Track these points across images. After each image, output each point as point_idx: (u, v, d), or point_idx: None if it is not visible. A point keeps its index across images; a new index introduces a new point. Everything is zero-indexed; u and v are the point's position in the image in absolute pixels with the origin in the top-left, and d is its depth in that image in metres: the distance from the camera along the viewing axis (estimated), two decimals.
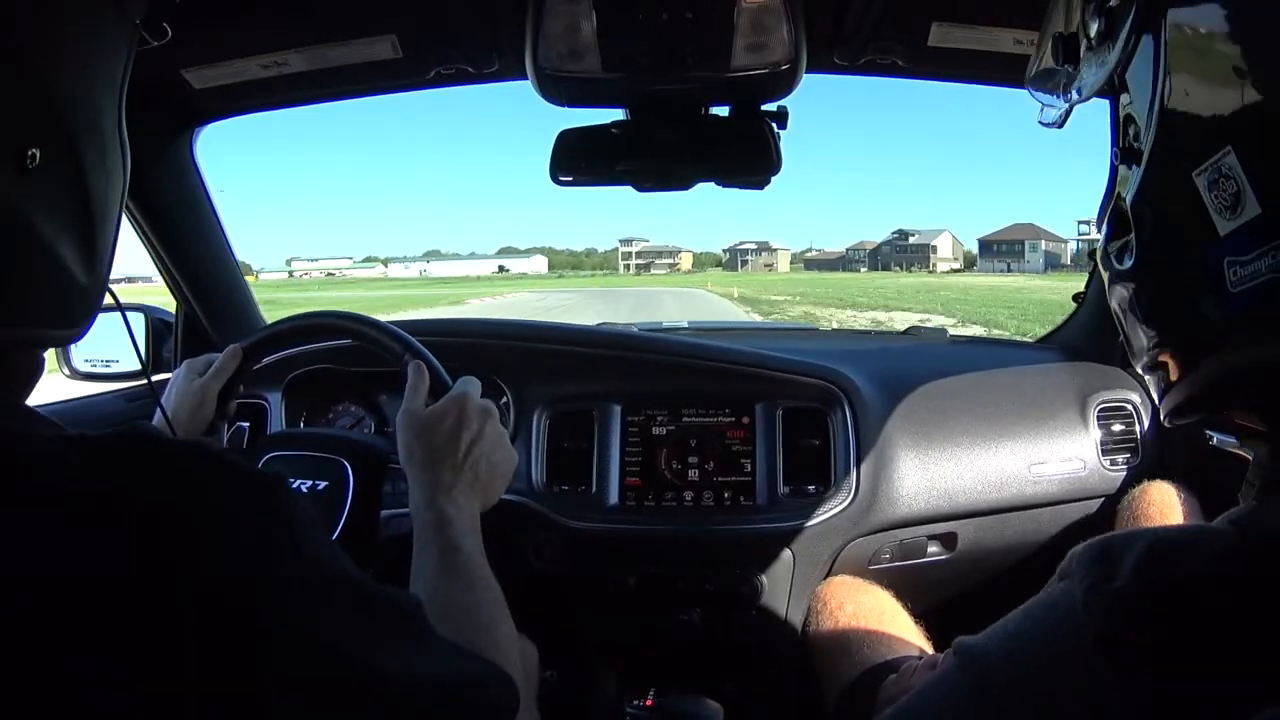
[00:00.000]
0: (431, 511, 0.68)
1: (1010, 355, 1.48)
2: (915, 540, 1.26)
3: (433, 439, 0.72)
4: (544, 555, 1.20)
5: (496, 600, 0.64)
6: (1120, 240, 0.51)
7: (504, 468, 0.76)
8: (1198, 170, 0.42)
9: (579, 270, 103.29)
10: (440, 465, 0.71)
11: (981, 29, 1.15)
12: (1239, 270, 0.40)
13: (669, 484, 1.21)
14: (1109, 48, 0.50)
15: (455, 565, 0.65)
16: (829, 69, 1.22)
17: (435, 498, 0.69)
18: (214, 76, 1.21)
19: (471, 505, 0.71)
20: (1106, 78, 0.51)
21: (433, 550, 0.65)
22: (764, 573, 1.20)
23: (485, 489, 0.73)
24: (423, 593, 0.62)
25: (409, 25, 1.14)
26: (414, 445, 0.73)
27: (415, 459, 0.72)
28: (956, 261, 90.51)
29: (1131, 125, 0.49)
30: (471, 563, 0.65)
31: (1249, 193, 0.39)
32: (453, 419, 0.74)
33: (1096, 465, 1.29)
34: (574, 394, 1.24)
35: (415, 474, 0.72)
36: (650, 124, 1.16)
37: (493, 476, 0.74)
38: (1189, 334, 0.47)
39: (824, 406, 1.22)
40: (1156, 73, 0.45)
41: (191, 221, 1.34)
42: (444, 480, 0.70)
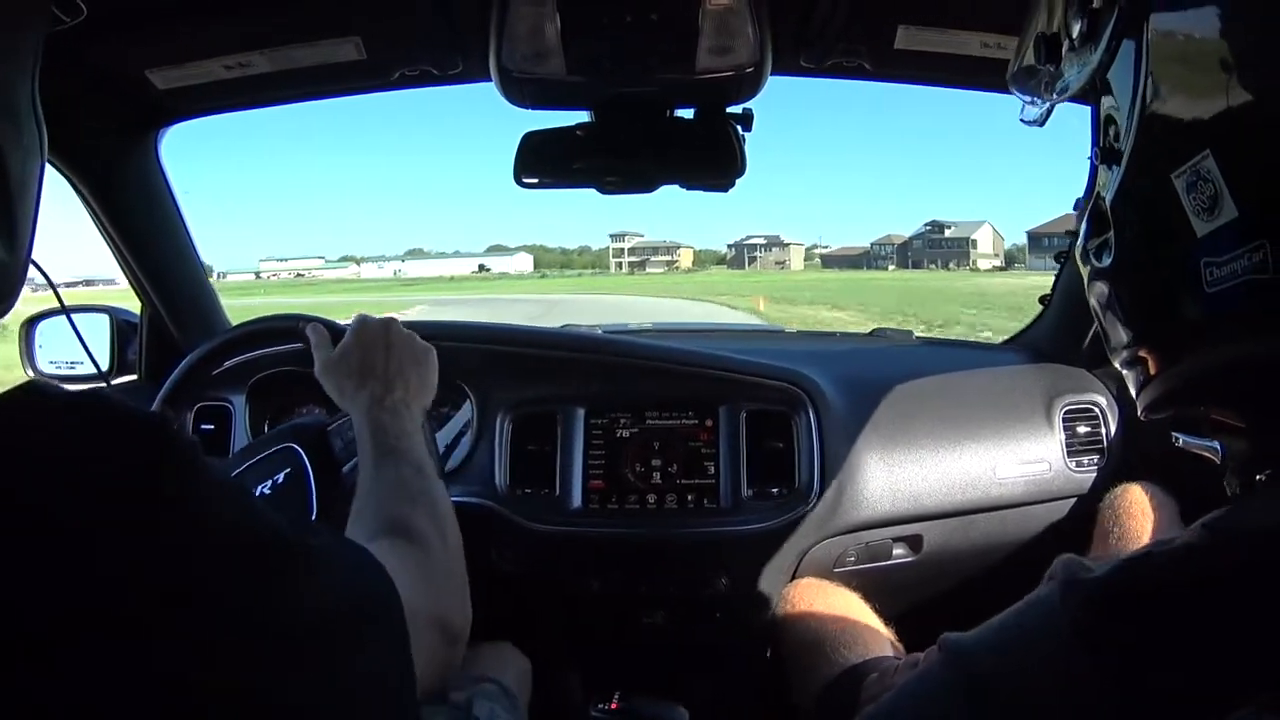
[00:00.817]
0: (369, 426, 0.72)
1: (976, 357, 1.49)
2: (880, 542, 1.26)
3: (350, 370, 0.77)
4: (507, 558, 1.20)
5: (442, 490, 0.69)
6: (1100, 238, 0.51)
7: (426, 362, 0.81)
8: (1176, 172, 0.42)
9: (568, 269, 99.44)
10: (366, 388, 0.75)
11: (948, 32, 1.15)
12: (1215, 270, 0.41)
13: (632, 487, 1.21)
14: (1091, 49, 0.50)
15: (399, 452, 0.69)
16: (795, 71, 1.22)
17: (370, 413, 0.73)
18: (178, 77, 1.20)
19: (410, 410, 0.76)
20: (1088, 79, 0.51)
21: (372, 454, 0.70)
22: (728, 575, 1.20)
23: (420, 389, 0.78)
24: (368, 499, 0.66)
25: (373, 27, 1.14)
26: (340, 384, 0.78)
27: (346, 395, 0.77)
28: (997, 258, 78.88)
29: (1112, 126, 0.50)
30: (414, 452, 0.71)
31: (1226, 195, 0.39)
32: (360, 347, 0.78)
33: (1062, 467, 1.29)
34: (537, 397, 1.23)
35: (351, 407, 0.76)
36: (615, 126, 1.16)
37: (421, 375, 0.79)
38: (1167, 331, 0.47)
39: (788, 409, 1.22)
40: (1138, 75, 0.45)
41: (156, 222, 1.33)
42: (376, 396, 0.75)
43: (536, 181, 1.16)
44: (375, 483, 0.68)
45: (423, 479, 0.69)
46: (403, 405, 0.75)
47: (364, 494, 0.68)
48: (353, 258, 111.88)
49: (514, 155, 1.14)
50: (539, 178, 1.16)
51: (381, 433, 0.71)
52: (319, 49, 1.17)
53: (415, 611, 0.46)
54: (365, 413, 0.74)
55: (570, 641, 1.27)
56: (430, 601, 0.52)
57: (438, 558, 0.60)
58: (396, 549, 0.56)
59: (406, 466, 0.69)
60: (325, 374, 0.80)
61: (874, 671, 0.97)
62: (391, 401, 0.74)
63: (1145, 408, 0.52)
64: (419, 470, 0.69)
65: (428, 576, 0.56)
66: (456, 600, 0.59)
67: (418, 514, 0.63)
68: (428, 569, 0.57)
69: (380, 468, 0.69)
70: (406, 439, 0.72)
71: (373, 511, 0.64)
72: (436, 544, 0.61)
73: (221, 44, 1.15)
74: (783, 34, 1.11)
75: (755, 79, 1.11)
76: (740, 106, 1.14)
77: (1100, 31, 0.49)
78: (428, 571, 0.57)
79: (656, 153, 1.15)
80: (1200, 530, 0.43)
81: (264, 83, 1.23)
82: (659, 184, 1.16)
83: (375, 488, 0.67)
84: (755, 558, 1.20)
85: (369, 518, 0.63)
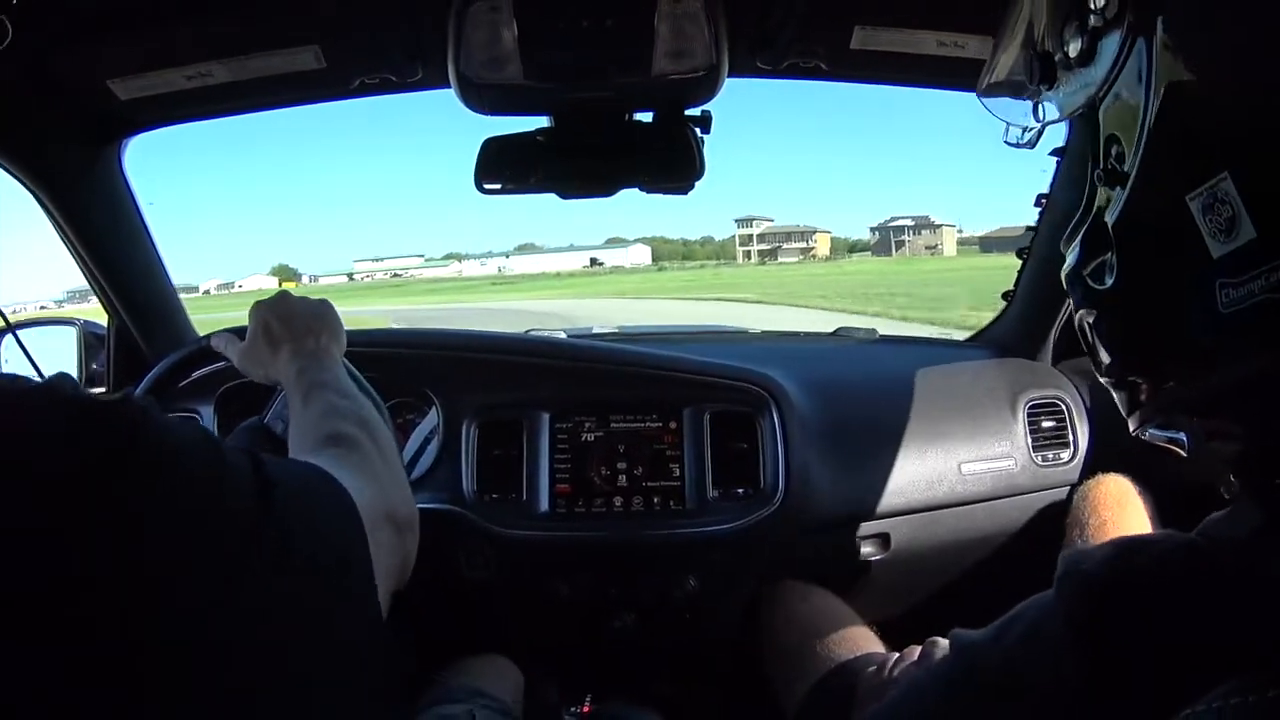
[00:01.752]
0: (294, 376, 0.76)
1: (940, 354, 1.49)
2: (849, 541, 1.27)
3: (262, 347, 0.81)
4: (476, 564, 1.20)
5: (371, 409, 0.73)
6: (1098, 259, 0.50)
7: (326, 313, 0.84)
8: (1192, 195, 0.41)
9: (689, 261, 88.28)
10: (281, 352, 0.79)
11: (904, 31, 1.16)
12: (1231, 292, 0.40)
13: (599, 490, 1.21)
14: (1091, 68, 0.48)
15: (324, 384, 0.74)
16: (752, 73, 1.22)
17: (292, 366, 0.77)
18: (139, 87, 1.20)
19: (330, 354, 0.80)
20: (1088, 101, 0.49)
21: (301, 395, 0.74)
22: (697, 576, 1.20)
23: (331, 336, 0.82)
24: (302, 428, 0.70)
25: (331, 36, 1.14)
26: (260, 361, 0.82)
27: (269, 368, 0.81)
28: None
29: (1115, 146, 0.48)
30: (339, 382, 0.75)
31: (1244, 217, 0.38)
32: (262, 326, 0.82)
33: (1028, 462, 1.30)
34: (502, 402, 1.24)
35: (277, 376, 0.81)
36: (574, 131, 1.16)
37: (328, 324, 0.83)
38: (1173, 352, 0.46)
39: (751, 410, 1.22)
40: (1146, 95, 0.43)
41: (121, 234, 1.33)
42: (293, 351, 0.79)
43: (499, 187, 1.17)
44: (304, 414, 0.71)
45: (350, 400, 0.73)
46: (321, 352, 0.79)
47: (296, 428, 0.72)
48: (456, 255, 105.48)
49: (474, 162, 1.15)
50: (500, 183, 1.16)
51: (304, 375, 0.75)
52: (278, 58, 1.17)
53: (365, 508, 0.50)
54: (287, 367, 0.78)
55: (541, 646, 1.27)
56: (376, 497, 0.54)
57: (373, 457, 0.64)
58: (336, 458, 0.59)
59: (332, 394, 0.73)
60: (244, 364, 0.85)
61: (870, 665, 0.98)
62: (308, 350, 0.79)
63: (1138, 426, 0.52)
64: (344, 395, 0.74)
65: (369, 475, 0.58)
66: (399, 493, 0.62)
67: (347, 424, 0.67)
68: (366, 468, 0.60)
69: (309, 402, 0.72)
70: (329, 374, 0.76)
71: (308, 435, 0.67)
72: (369, 446, 0.65)
73: (182, 53, 1.15)
74: (738, 37, 1.12)
75: (712, 82, 1.11)
76: (698, 109, 1.15)
77: (1102, 51, 0.47)
78: (367, 471, 0.60)
79: (616, 156, 1.16)
80: (1196, 534, 0.45)
81: (225, 92, 1.23)
82: (619, 188, 1.16)
83: (305, 417, 0.71)
84: (723, 558, 1.20)
85: (304, 442, 0.67)
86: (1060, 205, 1.29)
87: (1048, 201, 1.31)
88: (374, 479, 0.58)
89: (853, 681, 0.97)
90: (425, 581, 0.94)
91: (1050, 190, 1.30)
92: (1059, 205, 1.29)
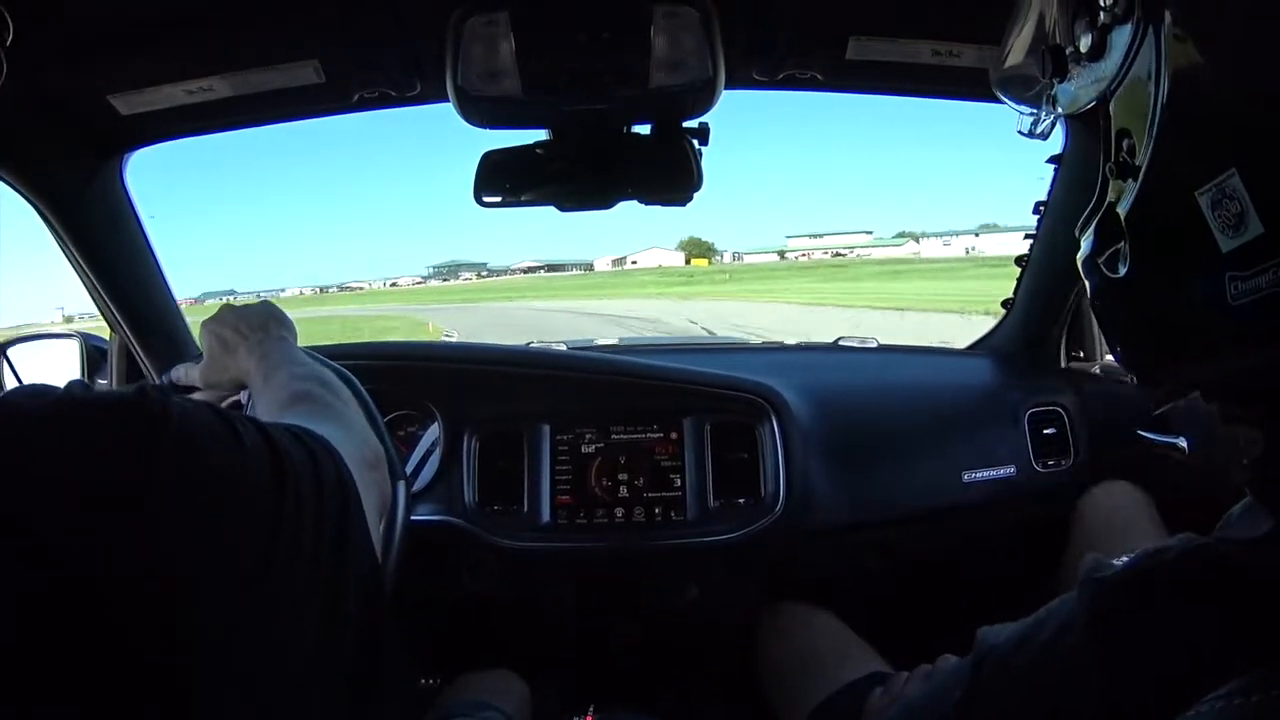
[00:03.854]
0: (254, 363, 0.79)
1: (940, 363, 1.50)
2: (851, 550, 1.27)
3: (218, 358, 0.84)
4: (478, 575, 1.21)
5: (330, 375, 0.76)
6: (1111, 249, 0.51)
7: (269, 310, 0.86)
8: (1200, 190, 0.41)
9: None
10: (237, 354, 0.82)
11: (899, 41, 1.16)
12: (1240, 285, 0.40)
13: (600, 501, 1.22)
14: (1102, 62, 0.48)
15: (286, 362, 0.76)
16: (748, 85, 1.23)
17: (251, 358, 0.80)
18: (141, 102, 1.21)
19: (286, 340, 0.83)
20: (1099, 94, 0.49)
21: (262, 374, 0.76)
22: (698, 586, 1.21)
23: (280, 326, 0.84)
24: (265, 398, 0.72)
25: (330, 51, 1.14)
26: (221, 370, 0.84)
27: (231, 373, 0.83)
28: None
29: (1126, 139, 0.48)
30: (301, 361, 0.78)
31: (1252, 213, 0.39)
32: (214, 339, 0.84)
33: (1030, 470, 1.30)
34: (503, 414, 1.24)
35: (240, 376, 0.82)
36: (572, 144, 1.17)
37: (275, 318, 0.85)
38: (1185, 340, 0.47)
39: (751, 419, 1.23)
40: (1156, 89, 0.44)
41: (123, 248, 1.34)
42: (250, 347, 0.81)
43: (498, 200, 1.17)
44: (265, 389, 0.74)
45: (305, 366, 0.76)
46: (275, 339, 0.82)
47: (261, 403, 0.74)
48: (911, 234, 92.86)
49: (473, 175, 1.16)
50: (500, 197, 1.17)
51: (266, 358, 0.78)
52: (278, 73, 1.18)
53: (346, 455, 0.52)
54: (246, 360, 0.80)
55: (544, 655, 1.27)
56: (348, 441, 0.56)
57: (336, 406, 0.68)
58: (306, 413, 0.63)
59: (292, 365, 0.76)
60: (208, 380, 0.86)
61: (877, 686, 0.96)
62: (265, 342, 0.81)
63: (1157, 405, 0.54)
64: (300, 363, 0.77)
65: (338, 422, 0.62)
66: (364, 434, 0.66)
67: (307, 384, 0.71)
68: (334, 417, 0.64)
69: (271, 378, 0.75)
70: (286, 354, 0.79)
71: (272, 404, 0.70)
72: (330, 397, 0.69)
73: (183, 69, 1.16)
74: (734, 48, 1.12)
75: (708, 94, 1.11)
76: (696, 120, 1.15)
77: (1112, 45, 0.47)
78: (335, 419, 0.64)
79: (614, 169, 1.16)
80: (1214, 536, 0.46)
81: (226, 106, 1.24)
82: (616, 200, 1.17)
83: (266, 391, 0.73)
84: (724, 568, 1.21)
85: (269, 411, 0.69)
86: (1058, 212, 1.29)
87: (1046, 209, 1.31)
88: (343, 425, 0.62)
89: (860, 704, 0.96)
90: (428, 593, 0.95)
91: (1048, 198, 1.30)
92: (1056, 212, 1.29)
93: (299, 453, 0.46)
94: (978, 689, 0.51)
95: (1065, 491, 1.29)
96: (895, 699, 0.91)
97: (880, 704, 0.92)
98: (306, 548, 0.42)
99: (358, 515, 0.50)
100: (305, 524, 0.42)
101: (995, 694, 0.50)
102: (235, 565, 0.37)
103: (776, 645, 1.18)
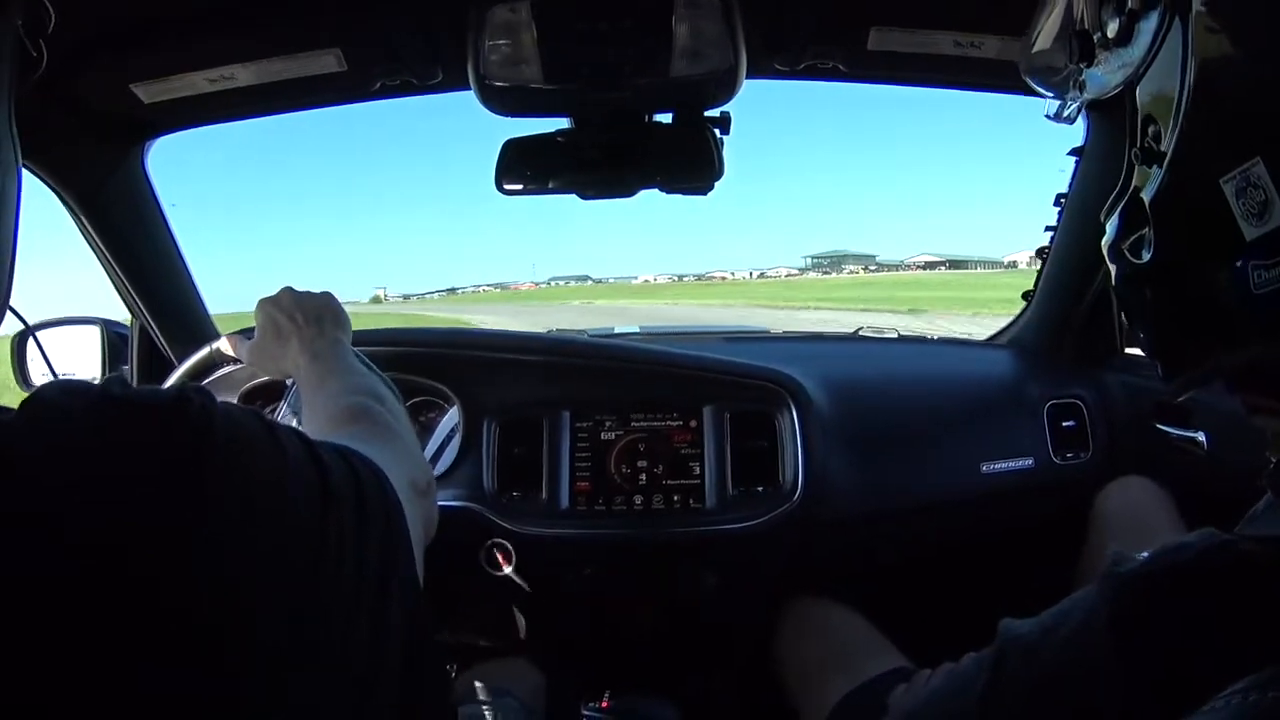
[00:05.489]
0: (305, 363, 0.78)
1: (959, 354, 1.49)
2: (869, 540, 1.27)
3: (269, 342, 0.83)
4: (496, 562, 1.21)
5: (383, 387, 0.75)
6: (1135, 234, 0.50)
7: (329, 303, 0.85)
8: (1225, 178, 0.41)
9: None
10: (290, 344, 0.81)
11: (921, 32, 1.16)
12: (1263, 274, 0.40)
13: (619, 488, 1.22)
14: (1129, 48, 0.48)
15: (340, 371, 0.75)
16: (769, 75, 1.23)
17: (303, 355, 0.79)
18: (162, 90, 1.22)
19: (340, 343, 0.81)
20: (1125, 80, 0.49)
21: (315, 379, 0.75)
22: (716, 574, 1.21)
23: (336, 324, 0.83)
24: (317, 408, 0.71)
25: (352, 39, 1.15)
26: (269, 355, 0.83)
27: (277, 360, 0.83)
28: None
29: (1151, 125, 0.48)
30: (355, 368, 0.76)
31: (1277, 202, 0.39)
32: (268, 321, 0.84)
33: (1048, 462, 1.30)
34: (523, 401, 1.24)
35: (286, 367, 0.82)
36: (593, 132, 1.17)
37: (333, 314, 0.84)
38: (1206, 329, 0.47)
39: (771, 408, 1.23)
40: (1182, 76, 0.44)
41: (144, 235, 1.35)
42: (304, 340, 0.80)
43: (519, 188, 1.18)
44: (318, 397, 0.72)
45: (362, 377, 0.74)
46: (331, 340, 0.80)
47: (310, 411, 0.73)
48: None
49: (495, 162, 1.16)
50: (521, 184, 1.17)
51: (316, 362, 0.77)
52: (300, 61, 1.18)
53: (396, 480, 0.50)
54: (297, 357, 0.79)
55: (561, 641, 1.28)
56: (401, 467, 0.54)
57: (393, 428, 0.66)
58: (359, 435, 0.60)
59: (345, 374, 0.74)
60: (255, 360, 0.87)
61: (900, 683, 0.96)
62: (318, 339, 0.80)
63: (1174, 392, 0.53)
64: (356, 373, 0.75)
65: (393, 446, 0.60)
66: (417, 459, 0.65)
67: (363, 399, 0.69)
68: (389, 440, 0.63)
69: (324, 383, 0.73)
70: (340, 360, 0.77)
71: (325, 416, 0.68)
72: (387, 417, 0.67)
73: (205, 57, 1.16)
74: (755, 38, 1.12)
75: (730, 83, 1.11)
76: (717, 110, 1.15)
77: (1140, 31, 0.47)
78: (390, 442, 0.62)
79: (635, 158, 1.16)
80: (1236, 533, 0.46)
81: (247, 95, 1.24)
82: (638, 189, 1.17)
83: (319, 400, 0.72)
84: (742, 556, 1.21)
85: (321, 423, 0.68)
86: (1078, 205, 1.29)
87: (1066, 201, 1.31)
88: (397, 450, 0.60)
89: (882, 701, 0.96)
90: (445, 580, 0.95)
91: (1069, 190, 1.30)
92: (1077, 205, 1.29)
93: (342, 472, 0.44)
94: (1000, 680, 0.51)
95: (1083, 484, 1.29)
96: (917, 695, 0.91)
97: (903, 701, 0.92)
98: (349, 573, 0.41)
99: (403, 545, 0.48)
100: (347, 549, 0.41)
101: (1018, 686, 0.50)
102: (281, 587, 0.36)
103: (797, 640, 1.18)
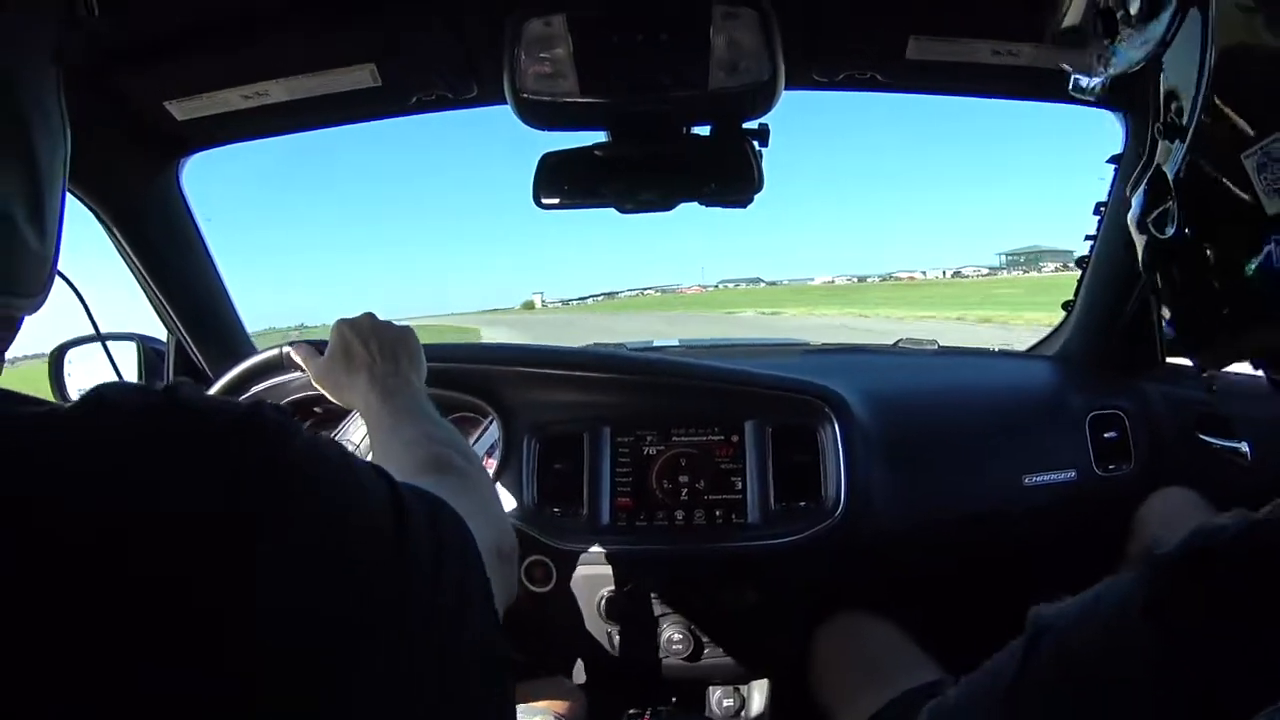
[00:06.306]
0: (377, 399, 0.75)
1: (1000, 365, 1.48)
2: (911, 553, 1.26)
3: (341, 366, 0.81)
4: (536, 577, 1.20)
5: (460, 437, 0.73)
6: (1160, 208, 0.50)
7: (408, 338, 0.84)
8: (1246, 153, 0.41)
9: None
10: (361, 374, 0.79)
11: (959, 41, 1.15)
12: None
13: (660, 504, 1.21)
14: (1152, 24, 0.49)
15: (414, 413, 0.73)
16: (808, 85, 1.22)
17: (374, 391, 0.76)
18: (196, 108, 1.22)
19: (412, 383, 0.79)
20: (1147, 56, 0.50)
21: (388, 420, 0.73)
22: (759, 590, 1.20)
23: (412, 363, 0.82)
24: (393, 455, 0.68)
25: (386, 54, 1.15)
26: (337, 382, 0.82)
27: (345, 389, 0.81)
28: None
29: (1174, 100, 0.48)
30: (429, 412, 0.75)
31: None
32: (342, 344, 0.82)
33: (1090, 474, 1.29)
34: (564, 416, 1.24)
35: (353, 397, 0.80)
36: (631, 146, 1.16)
37: (409, 350, 0.82)
38: (1230, 306, 0.47)
39: (813, 422, 1.22)
40: (1204, 52, 0.44)
41: (179, 251, 1.35)
42: (375, 375, 0.78)
43: (557, 202, 1.17)
44: (393, 437, 0.70)
45: (444, 429, 0.72)
46: (404, 379, 0.78)
47: (384, 452, 0.70)
48: None
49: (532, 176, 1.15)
50: (559, 198, 1.17)
51: (389, 400, 0.75)
52: (334, 77, 1.18)
53: (480, 540, 0.49)
54: (367, 393, 0.77)
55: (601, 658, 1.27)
56: (486, 528, 0.52)
57: (481, 487, 0.64)
58: (445, 486, 0.55)
59: (424, 421, 0.72)
60: (321, 379, 0.84)
61: (936, 696, 0.96)
62: (391, 377, 0.78)
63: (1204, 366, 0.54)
64: (438, 423, 0.73)
65: (479, 505, 0.57)
66: (503, 522, 0.62)
67: (448, 451, 0.66)
68: (476, 498, 0.59)
69: (398, 428, 0.71)
70: (417, 402, 0.75)
71: (402, 461, 0.65)
72: (476, 475, 0.65)
73: (238, 74, 1.17)
74: (794, 49, 1.11)
75: (768, 94, 1.10)
76: (756, 122, 1.15)
77: (1161, 7, 0.48)
78: (476, 501, 0.58)
79: (674, 170, 1.15)
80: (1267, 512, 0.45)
81: (281, 111, 1.24)
82: (677, 202, 1.16)
83: (395, 443, 0.69)
84: (784, 571, 1.19)
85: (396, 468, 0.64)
86: (1117, 214, 1.27)
87: (1106, 210, 1.29)
88: (482, 509, 0.57)
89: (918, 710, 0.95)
90: None
91: (1108, 199, 1.28)
92: (1116, 214, 1.27)
93: (420, 508, 0.43)
94: (1032, 667, 0.50)
95: (1125, 496, 1.28)
96: None
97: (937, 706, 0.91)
98: (423, 607, 0.40)
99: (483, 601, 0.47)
100: (410, 606, 0.39)
101: (1050, 672, 0.49)
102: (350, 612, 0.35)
103: (835, 654, 1.17)
